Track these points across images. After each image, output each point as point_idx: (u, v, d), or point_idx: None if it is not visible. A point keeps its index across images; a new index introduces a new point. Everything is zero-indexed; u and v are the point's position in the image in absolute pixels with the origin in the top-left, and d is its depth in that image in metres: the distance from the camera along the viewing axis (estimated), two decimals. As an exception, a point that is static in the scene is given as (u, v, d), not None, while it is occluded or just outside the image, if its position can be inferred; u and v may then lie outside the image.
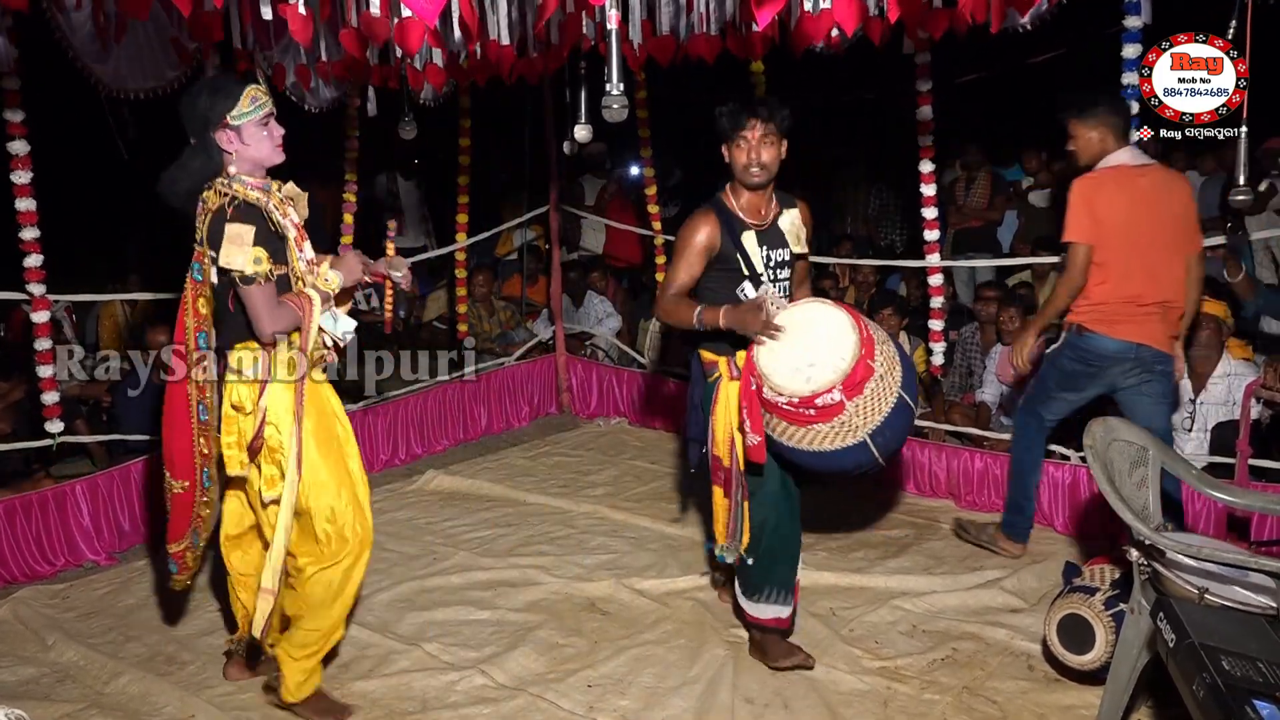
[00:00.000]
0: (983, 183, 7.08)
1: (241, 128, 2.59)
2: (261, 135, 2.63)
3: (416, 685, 3.07)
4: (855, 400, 2.71)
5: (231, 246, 2.53)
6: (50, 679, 3.20)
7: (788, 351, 2.78)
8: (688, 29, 4.14)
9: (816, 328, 2.78)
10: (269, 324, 2.59)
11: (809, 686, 3.00)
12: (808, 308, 2.86)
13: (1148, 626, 2.42)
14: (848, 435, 2.74)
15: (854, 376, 2.69)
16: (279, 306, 2.61)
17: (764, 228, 3.02)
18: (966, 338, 5.64)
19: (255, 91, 2.61)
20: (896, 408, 2.76)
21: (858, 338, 2.72)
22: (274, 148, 2.66)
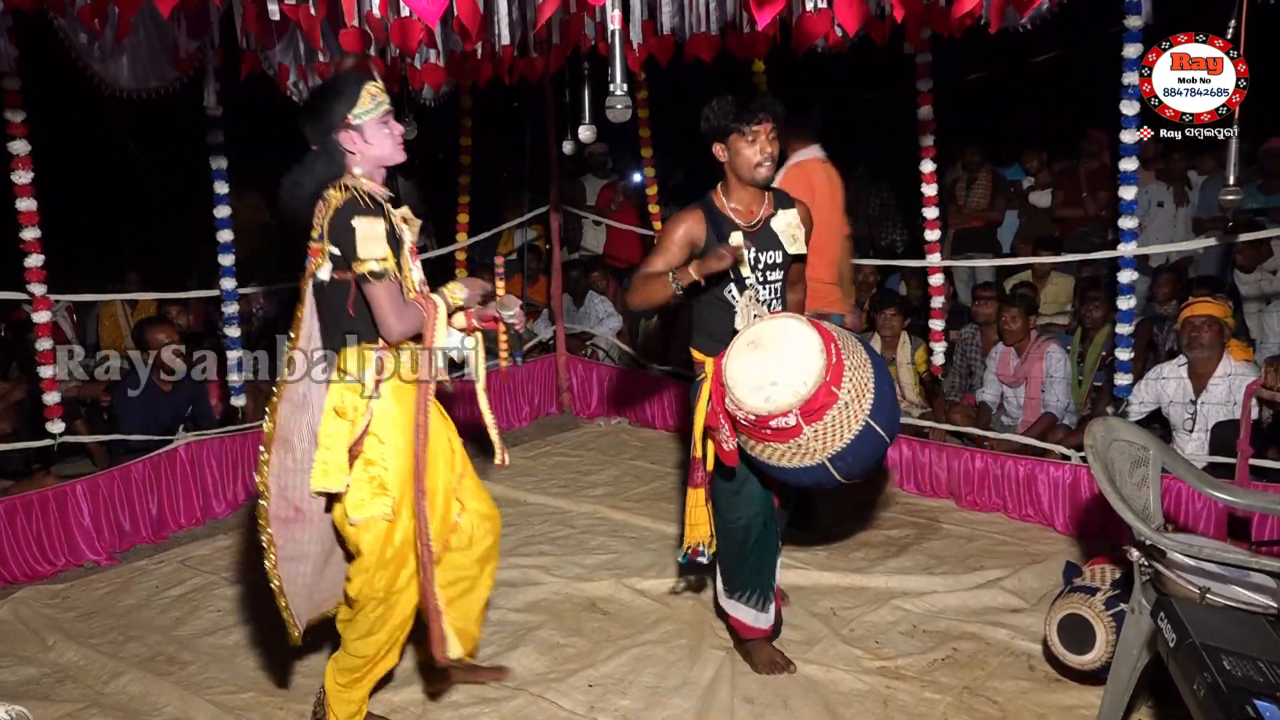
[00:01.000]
0: (983, 183, 7.08)
1: (363, 126, 2.51)
2: (383, 133, 2.54)
3: (418, 684, 3.07)
4: (814, 426, 2.61)
5: (369, 239, 2.43)
6: (51, 679, 3.20)
7: (753, 365, 2.70)
8: (689, 29, 4.14)
9: (786, 346, 2.68)
10: (397, 322, 2.47)
11: (809, 686, 3.00)
12: (783, 323, 2.75)
13: (1148, 626, 2.42)
14: (805, 457, 2.67)
15: (813, 403, 2.58)
16: (407, 305, 2.51)
17: (754, 229, 2.96)
18: (966, 338, 5.64)
19: (374, 89, 2.53)
20: (862, 435, 2.65)
21: (823, 364, 2.60)
22: (395, 145, 2.58)
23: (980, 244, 7.01)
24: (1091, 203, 6.64)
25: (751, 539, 3.03)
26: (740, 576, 3.08)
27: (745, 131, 2.87)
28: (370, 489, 2.52)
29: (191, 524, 4.55)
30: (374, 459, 2.53)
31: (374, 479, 2.53)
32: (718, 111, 2.91)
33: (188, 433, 4.66)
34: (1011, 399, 5.17)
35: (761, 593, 3.08)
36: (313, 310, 2.61)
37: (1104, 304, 5.19)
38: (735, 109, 2.87)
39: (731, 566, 3.10)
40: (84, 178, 8.07)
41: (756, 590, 3.08)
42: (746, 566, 3.06)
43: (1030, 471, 4.29)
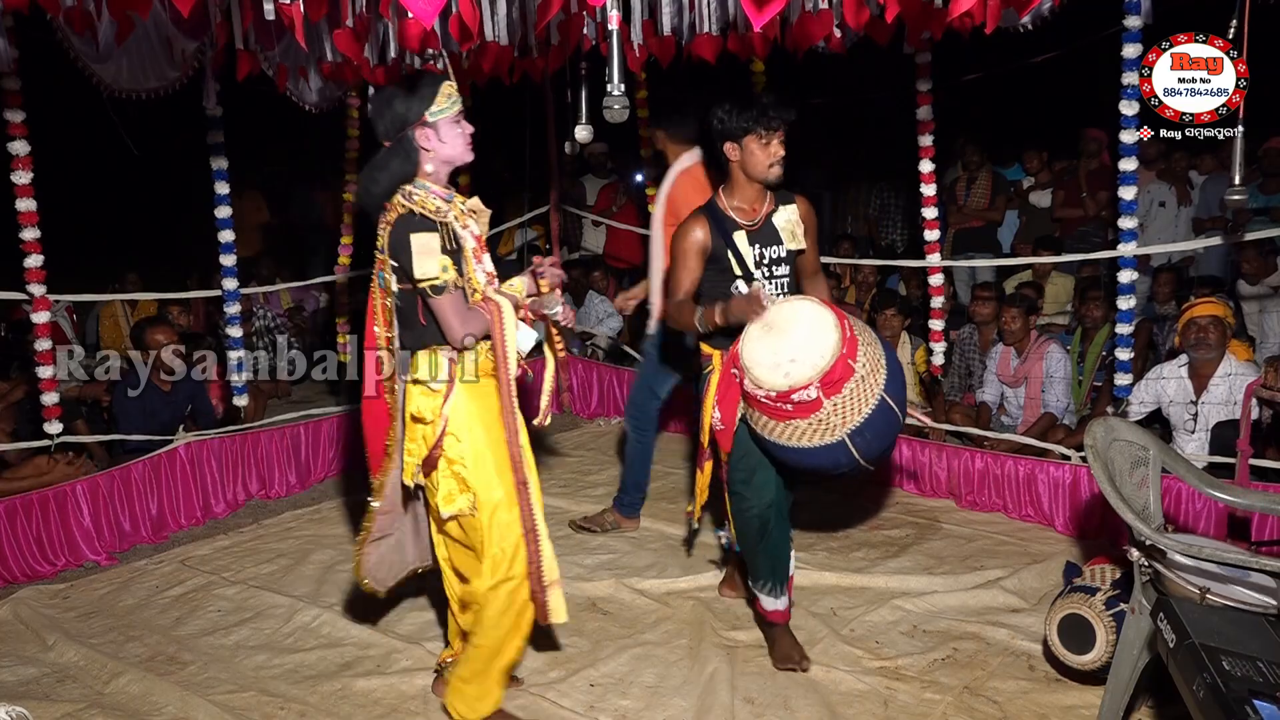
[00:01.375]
0: (983, 182, 7.09)
1: (438, 124, 2.54)
2: (456, 132, 2.58)
3: (418, 684, 3.07)
4: (833, 399, 2.69)
5: (423, 256, 2.47)
6: (51, 679, 3.20)
7: (770, 346, 2.78)
8: (689, 29, 4.14)
9: (800, 324, 2.78)
10: (460, 328, 2.53)
11: (809, 686, 3.00)
12: (795, 304, 2.84)
13: (1148, 626, 2.42)
14: (825, 433, 2.73)
15: (832, 374, 2.67)
16: (469, 311, 2.56)
17: (755, 227, 3.05)
18: (964, 338, 5.64)
19: (449, 88, 2.56)
20: (878, 410, 2.73)
21: (839, 336, 2.69)
22: (466, 146, 2.61)
23: (980, 244, 7.02)
24: (1091, 203, 6.64)
25: (766, 528, 3.08)
26: (759, 565, 3.14)
27: (761, 134, 2.95)
28: (456, 485, 2.61)
29: (191, 524, 4.55)
30: (454, 457, 2.60)
31: (456, 476, 2.61)
32: (734, 112, 2.97)
33: (188, 433, 4.66)
34: (1011, 399, 5.17)
35: (779, 583, 3.14)
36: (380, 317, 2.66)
37: (1104, 304, 5.20)
38: (755, 112, 2.94)
39: (750, 556, 3.16)
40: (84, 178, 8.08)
41: (774, 580, 3.13)
42: (765, 555, 3.11)
43: (1030, 471, 4.29)
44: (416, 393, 2.62)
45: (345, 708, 2.97)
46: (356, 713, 2.94)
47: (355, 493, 4.98)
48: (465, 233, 2.61)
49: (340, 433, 5.24)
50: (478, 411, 2.63)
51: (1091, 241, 6.44)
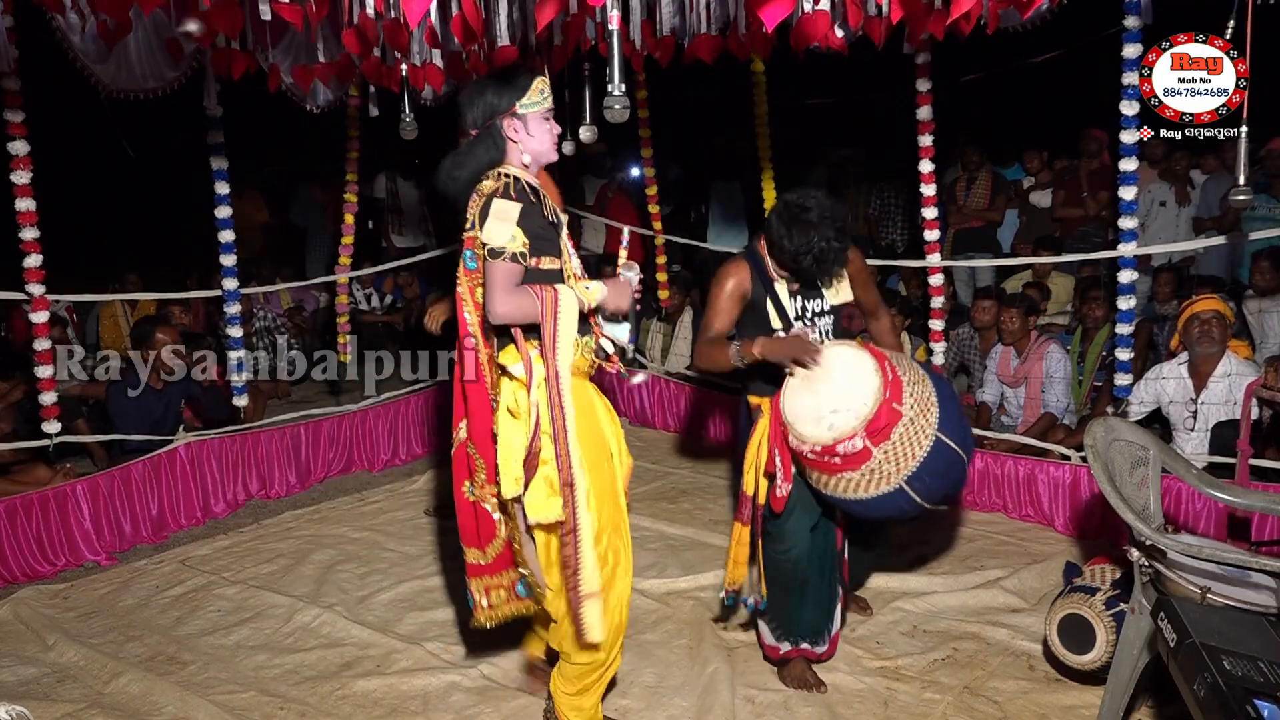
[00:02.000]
0: (983, 182, 7.08)
1: (527, 117, 2.48)
2: (544, 128, 2.52)
3: (418, 684, 3.07)
4: (883, 446, 2.57)
5: (495, 221, 2.38)
6: (51, 679, 3.20)
7: (810, 398, 2.68)
8: (689, 29, 4.14)
9: (839, 372, 2.66)
10: (500, 302, 2.36)
11: (810, 686, 3.00)
12: (832, 350, 2.72)
13: (1148, 626, 2.42)
14: (880, 482, 2.61)
15: (877, 422, 2.55)
16: (517, 289, 2.39)
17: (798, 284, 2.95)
18: (963, 338, 5.64)
19: (542, 84, 2.50)
20: (935, 451, 2.60)
21: (880, 381, 2.58)
22: (552, 144, 2.55)
23: (980, 244, 7.01)
24: (1092, 203, 6.63)
25: (802, 576, 2.93)
26: (792, 620, 2.97)
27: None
28: (546, 489, 2.44)
29: (191, 524, 4.55)
30: (547, 458, 2.44)
31: (547, 479, 2.44)
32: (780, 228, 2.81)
33: (188, 433, 4.66)
34: (1012, 399, 5.16)
35: (816, 634, 2.99)
36: (470, 302, 2.50)
37: (1104, 304, 5.19)
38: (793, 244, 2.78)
39: (782, 609, 2.97)
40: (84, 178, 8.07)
41: (810, 634, 2.98)
42: (800, 609, 2.95)
43: (1030, 471, 4.29)
44: (511, 386, 2.48)
45: (345, 708, 2.97)
46: (356, 713, 2.94)
47: (355, 492, 4.99)
48: (561, 220, 2.55)
49: (340, 433, 5.24)
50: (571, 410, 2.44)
51: (1092, 241, 6.44)
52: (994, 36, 3.14)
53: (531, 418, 2.43)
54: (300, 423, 5.14)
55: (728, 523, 4.34)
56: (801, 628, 2.97)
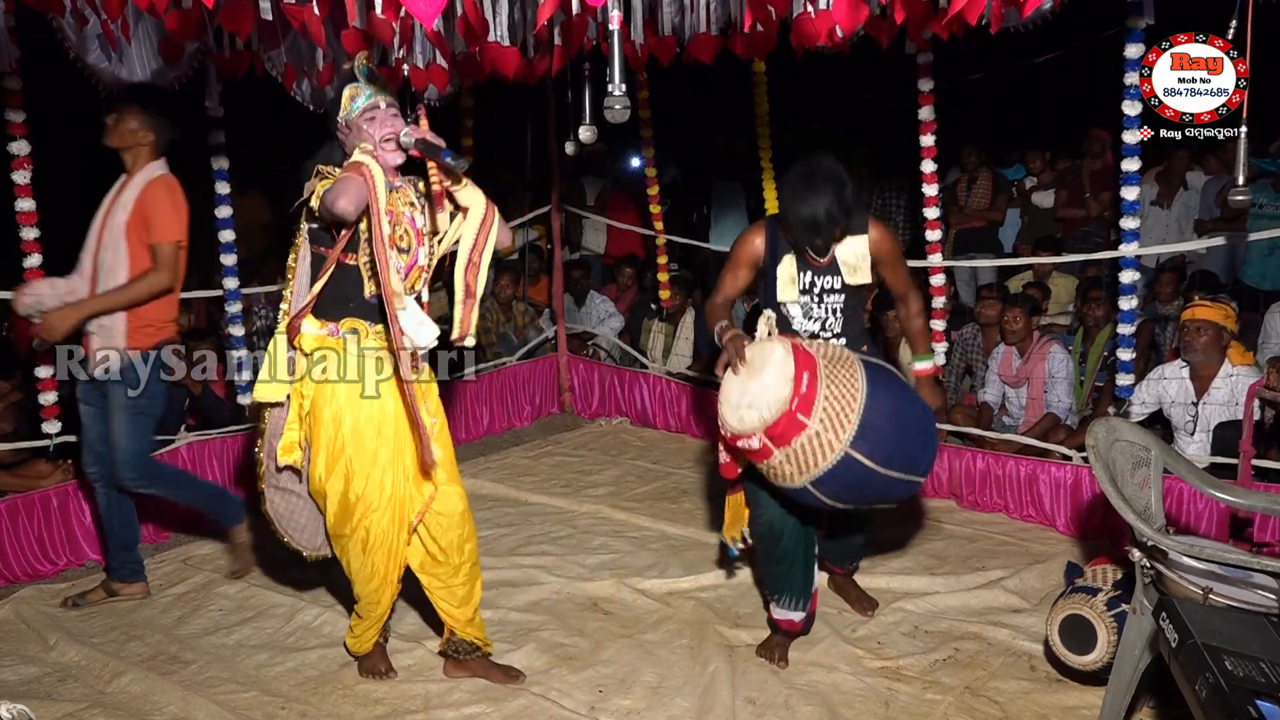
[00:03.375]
0: (984, 182, 7.08)
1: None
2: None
3: (419, 684, 3.07)
4: (783, 450, 2.67)
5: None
6: (52, 678, 3.20)
7: (739, 385, 2.78)
8: (690, 29, 4.14)
9: (767, 371, 2.73)
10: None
11: (811, 687, 3.00)
12: (770, 346, 2.79)
13: (1150, 627, 2.42)
14: (784, 479, 2.75)
15: (775, 429, 2.65)
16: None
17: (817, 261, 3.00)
18: (967, 338, 5.64)
19: (355, 91, 2.74)
20: (842, 464, 2.65)
21: (789, 393, 2.64)
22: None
23: (981, 244, 7.01)
24: (1094, 203, 6.63)
25: (782, 541, 3.07)
26: (773, 579, 3.16)
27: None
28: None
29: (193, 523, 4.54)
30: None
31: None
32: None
33: (189, 432, 4.66)
34: (1013, 399, 5.16)
35: (794, 596, 3.13)
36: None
37: (1106, 304, 5.19)
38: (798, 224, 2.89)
39: (765, 567, 3.19)
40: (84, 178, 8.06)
41: (789, 595, 3.14)
42: (780, 570, 3.12)
43: (1032, 472, 4.29)
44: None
45: (346, 707, 2.97)
46: (357, 712, 2.95)
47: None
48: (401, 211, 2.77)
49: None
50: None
51: (1093, 241, 6.44)
52: (995, 36, 3.13)
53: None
54: (301, 422, 5.12)
55: (729, 523, 4.36)
56: (779, 585, 3.14)
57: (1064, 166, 7.12)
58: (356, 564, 2.92)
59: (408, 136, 2.65)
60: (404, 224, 2.76)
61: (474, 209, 2.78)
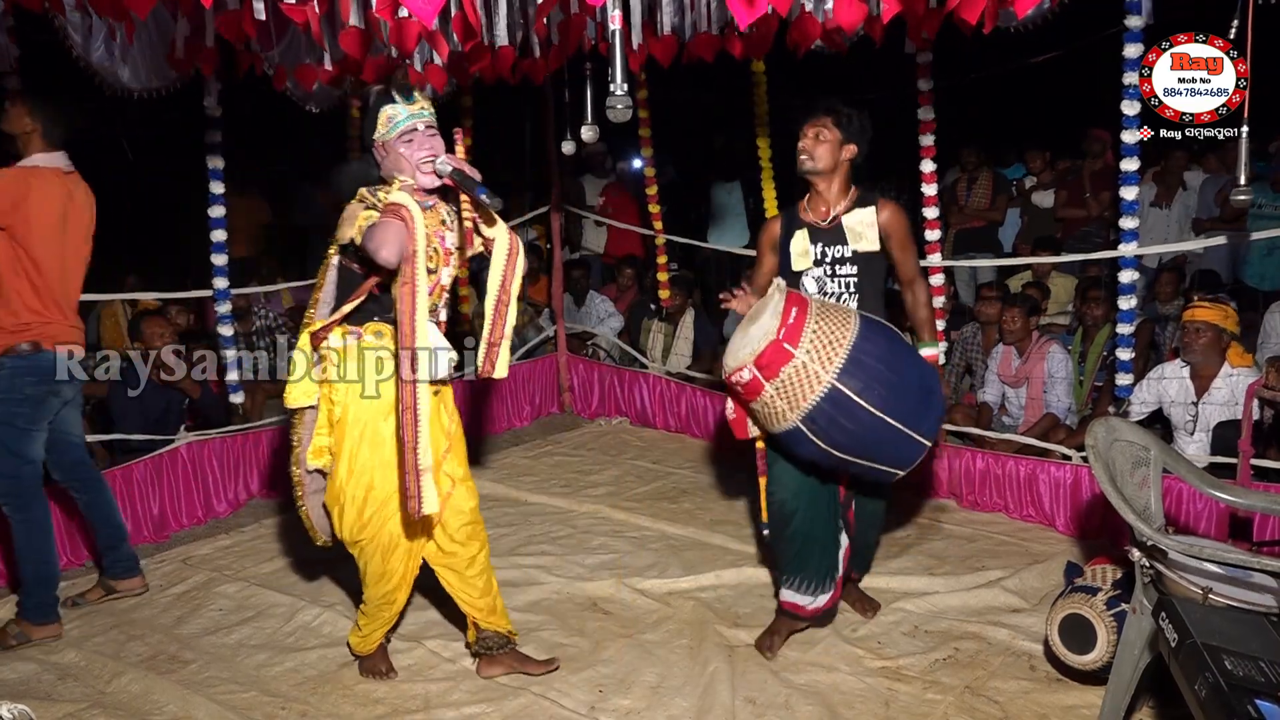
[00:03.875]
0: (984, 182, 7.09)
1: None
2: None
3: (419, 684, 3.08)
4: (773, 383, 2.78)
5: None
6: (52, 678, 3.20)
7: (743, 333, 2.93)
8: (690, 29, 4.14)
9: (764, 313, 2.88)
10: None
11: (811, 686, 3.00)
12: (766, 297, 2.97)
13: (1150, 626, 2.42)
14: (777, 418, 2.84)
15: (763, 358, 2.76)
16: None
17: (823, 225, 3.16)
18: (967, 338, 5.64)
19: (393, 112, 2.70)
20: (831, 398, 2.73)
21: (777, 324, 2.77)
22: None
23: (981, 244, 7.02)
24: (1094, 203, 6.64)
25: (792, 521, 3.13)
26: (784, 559, 3.21)
27: (804, 129, 3.14)
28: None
29: (193, 523, 4.55)
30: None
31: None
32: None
33: (189, 433, 4.66)
34: (1013, 399, 5.16)
35: (807, 580, 3.16)
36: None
37: (1105, 303, 5.19)
38: (795, 112, 3.13)
39: (777, 548, 3.24)
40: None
41: (800, 576, 3.17)
42: (790, 550, 3.17)
43: (1031, 472, 4.29)
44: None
45: (346, 707, 2.97)
46: (357, 712, 2.95)
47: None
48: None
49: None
50: None
51: (1093, 241, 6.44)
52: (995, 36, 3.14)
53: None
54: (301, 422, 5.13)
55: (729, 522, 4.37)
56: (789, 566, 3.17)
57: (1064, 166, 7.13)
58: (375, 567, 2.91)
59: (444, 165, 2.66)
60: (434, 243, 2.75)
61: (499, 242, 2.82)
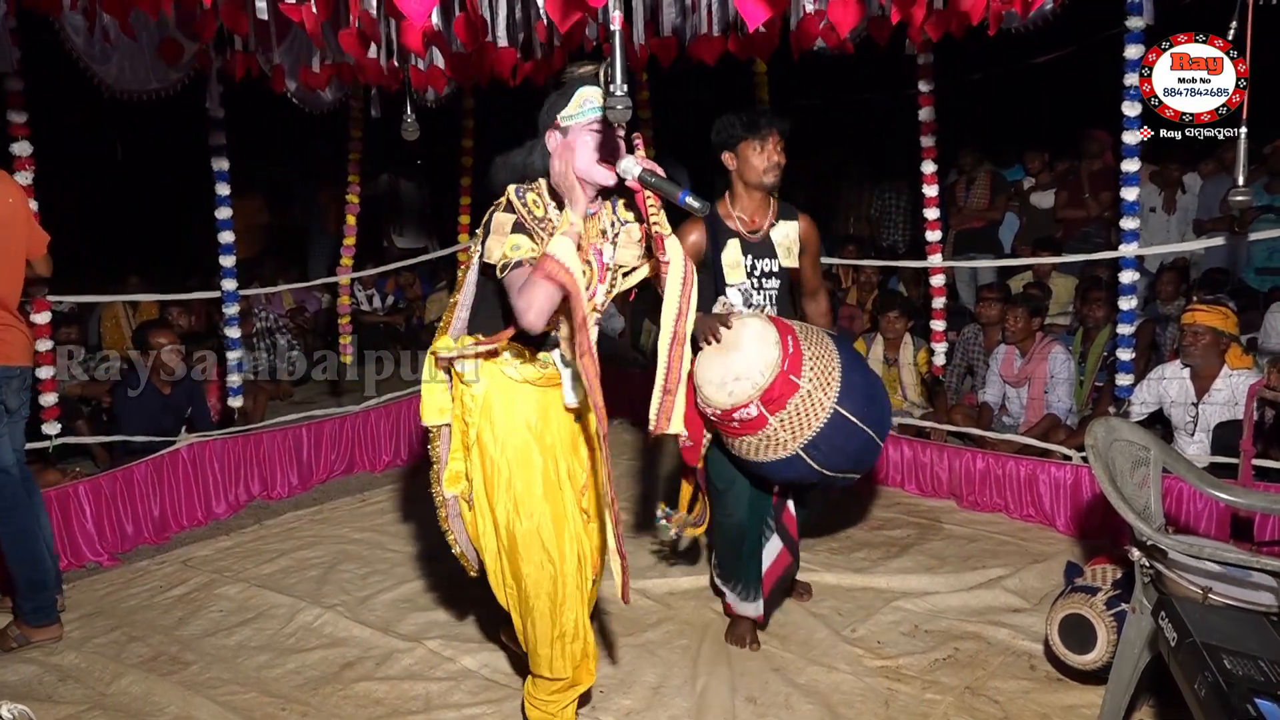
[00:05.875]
0: (982, 183, 7.09)
1: (569, 129, 2.39)
2: (586, 141, 2.35)
3: (420, 684, 3.08)
4: (779, 415, 2.76)
5: (493, 236, 2.39)
6: (53, 679, 3.20)
7: (720, 363, 2.84)
8: (691, 30, 4.15)
9: (747, 342, 2.82)
10: (522, 307, 2.29)
11: (810, 686, 3.01)
12: (744, 321, 2.89)
13: (1149, 626, 2.42)
14: (777, 448, 2.81)
15: (771, 392, 2.73)
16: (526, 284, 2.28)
17: (754, 238, 3.12)
18: (968, 338, 5.64)
19: (590, 93, 2.37)
20: (832, 423, 2.77)
21: (779, 354, 2.74)
22: (593, 160, 2.34)
23: (981, 244, 7.02)
24: (1094, 203, 6.64)
25: (743, 539, 3.17)
26: (732, 570, 3.23)
27: (754, 140, 3.03)
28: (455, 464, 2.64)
29: (193, 525, 4.55)
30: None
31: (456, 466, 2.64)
32: (728, 123, 3.06)
33: (190, 434, 4.66)
34: (1014, 399, 5.16)
35: (746, 585, 3.21)
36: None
37: (1106, 304, 5.19)
38: (746, 120, 3.03)
39: (725, 559, 3.26)
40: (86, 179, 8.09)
41: (742, 583, 3.22)
42: (739, 562, 3.20)
43: (1031, 472, 4.29)
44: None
45: (347, 708, 2.98)
46: (358, 713, 2.95)
47: (357, 492, 5.00)
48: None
49: (342, 433, 5.24)
50: None
51: (1093, 242, 6.44)
52: (996, 38, 3.14)
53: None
54: (302, 424, 5.14)
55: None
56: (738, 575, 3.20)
57: (1063, 167, 7.13)
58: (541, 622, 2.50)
59: (634, 165, 2.26)
60: (590, 256, 2.43)
61: (674, 267, 2.39)
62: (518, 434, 2.51)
